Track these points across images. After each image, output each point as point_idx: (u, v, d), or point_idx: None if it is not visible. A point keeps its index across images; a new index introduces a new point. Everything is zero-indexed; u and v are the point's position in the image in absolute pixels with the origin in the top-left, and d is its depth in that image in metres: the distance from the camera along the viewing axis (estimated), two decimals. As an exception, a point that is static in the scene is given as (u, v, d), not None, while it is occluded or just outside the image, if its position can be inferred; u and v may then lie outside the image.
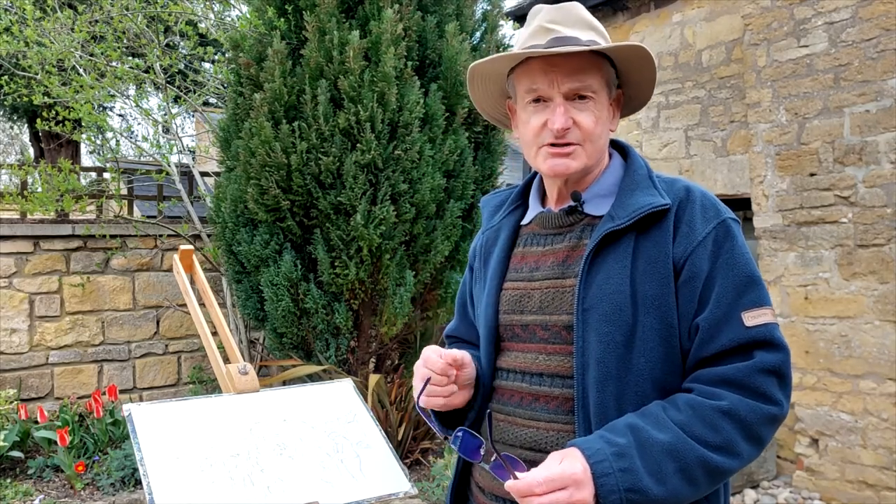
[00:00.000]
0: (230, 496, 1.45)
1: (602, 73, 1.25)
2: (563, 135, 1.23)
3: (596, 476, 1.06)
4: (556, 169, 1.25)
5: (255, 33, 4.52)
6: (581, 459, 1.07)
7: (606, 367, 1.18)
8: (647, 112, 5.90)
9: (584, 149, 1.25)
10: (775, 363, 1.15)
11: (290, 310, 4.29)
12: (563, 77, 1.22)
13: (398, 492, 1.57)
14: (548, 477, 1.05)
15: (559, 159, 1.24)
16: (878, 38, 4.13)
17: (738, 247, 1.20)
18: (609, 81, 1.27)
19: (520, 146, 1.35)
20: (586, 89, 1.23)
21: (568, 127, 1.22)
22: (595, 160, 1.28)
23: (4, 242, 5.35)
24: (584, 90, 1.23)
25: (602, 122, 1.26)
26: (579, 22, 1.26)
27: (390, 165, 4.18)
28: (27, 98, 5.56)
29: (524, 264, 1.34)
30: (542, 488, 1.04)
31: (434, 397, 1.28)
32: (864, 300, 4.20)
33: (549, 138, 1.24)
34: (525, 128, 1.29)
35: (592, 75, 1.24)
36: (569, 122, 1.22)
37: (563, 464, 1.07)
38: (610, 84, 1.28)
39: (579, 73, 1.22)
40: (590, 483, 1.05)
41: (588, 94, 1.23)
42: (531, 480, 1.05)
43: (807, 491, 4.48)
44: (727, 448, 1.11)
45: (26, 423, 4.75)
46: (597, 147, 1.27)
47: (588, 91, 1.23)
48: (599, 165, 1.32)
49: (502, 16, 5.33)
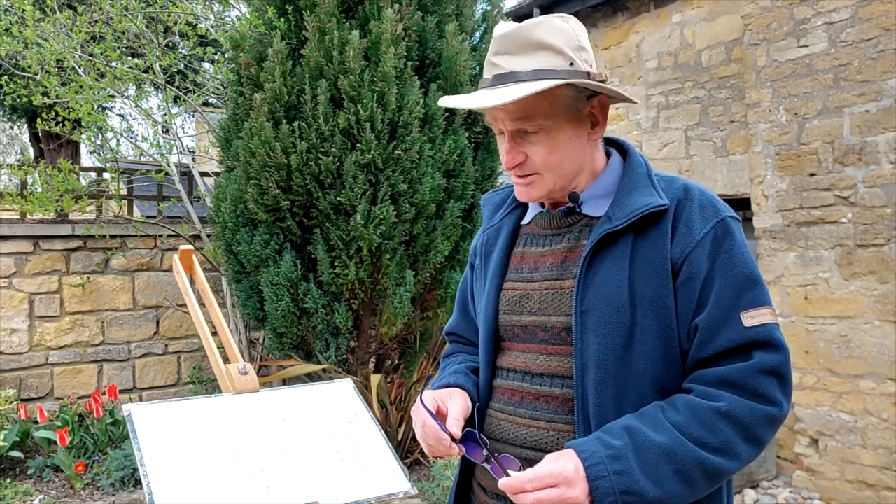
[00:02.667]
0: (230, 496, 1.45)
1: (551, 101, 1.19)
2: (516, 170, 1.25)
3: (591, 478, 1.06)
4: (521, 197, 1.30)
5: (255, 33, 4.52)
6: (575, 459, 1.08)
7: (605, 368, 1.18)
8: (646, 112, 5.91)
9: (544, 177, 1.24)
10: (774, 364, 1.14)
11: (289, 310, 4.29)
12: (506, 116, 1.21)
13: (398, 492, 1.57)
14: (538, 474, 1.06)
15: (521, 188, 1.28)
16: (878, 38, 4.13)
17: (737, 246, 1.19)
18: (567, 103, 1.21)
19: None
20: (531, 126, 1.20)
21: (518, 163, 1.23)
22: (566, 180, 1.26)
23: (4, 242, 5.34)
24: (529, 125, 1.20)
25: (560, 148, 1.22)
26: (524, 46, 1.19)
27: (390, 165, 4.18)
28: (27, 98, 5.55)
29: (524, 265, 1.34)
30: (533, 484, 1.06)
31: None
32: (863, 300, 4.20)
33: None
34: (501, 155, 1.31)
35: (537, 108, 1.19)
36: (517, 157, 1.23)
37: (556, 462, 1.08)
38: (571, 104, 1.21)
39: (520, 112, 1.19)
40: (582, 482, 1.06)
41: (535, 128, 1.20)
42: (522, 477, 1.07)
43: (807, 491, 4.48)
44: (725, 449, 1.11)
45: (26, 423, 4.75)
46: (562, 172, 1.25)
47: (533, 127, 1.20)
48: (595, 165, 1.30)
49: (502, 16, 5.33)
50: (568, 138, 1.23)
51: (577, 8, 6.27)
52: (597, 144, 1.30)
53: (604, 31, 6.33)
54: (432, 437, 1.25)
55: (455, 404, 1.29)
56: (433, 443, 1.25)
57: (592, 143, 1.27)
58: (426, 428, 1.26)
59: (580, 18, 6.41)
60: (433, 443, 1.25)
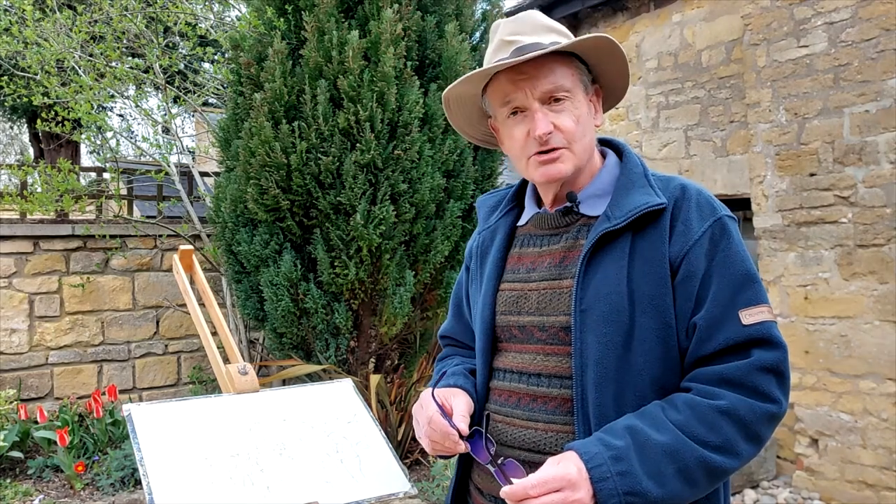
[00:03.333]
0: (230, 496, 1.45)
1: (572, 71, 1.26)
2: (547, 140, 1.23)
3: (594, 480, 1.06)
4: (550, 174, 1.26)
5: (254, 33, 4.52)
6: (577, 462, 1.08)
7: (605, 367, 1.17)
8: (646, 112, 5.91)
9: (572, 150, 1.25)
10: (773, 361, 1.15)
11: (289, 310, 4.29)
12: (534, 83, 1.23)
13: (398, 492, 1.57)
14: (541, 479, 1.06)
15: (550, 165, 1.25)
16: (878, 38, 4.13)
17: (734, 245, 1.20)
18: (582, 78, 1.27)
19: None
20: (559, 90, 1.23)
21: (550, 131, 1.23)
22: (585, 158, 1.28)
23: (4, 242, 5.35)
24: (558, 91, 1.23)
25: (583, 120, 1.26)
26: (539, 28, 1.26)
27: (390, 165, 4.18)
28: (27, 98, 5.56)
29: (521, 265, 1.34)
30: (537, 490, 1.05)
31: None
32: (863, 300, 4.20)
33: (535, 147, 1.24)
34: (511, 142, 1.29)
35: (562, 75, 1.24)
36: (549, 126, 1.22)
37: (558, 466, 1.08)
38: (584, 81, 1.28)
39: (549, 75, 1.23)
40: (586, 484, 1.06)
41: (562, 95, 1.23)
42: (526, 483, 1.06)
43: (806, 491, 4.48)
44: (726, 448, 1.11)
45: (26, 423, 4.75)
46: (583, 145, 1.27)
47: (561, 91, 1.23)
48: (592, 165, 1.31)
49: (502, 16, 5.33)
50: (586, 112, 1.28)
51: (577, 8, 6.27)
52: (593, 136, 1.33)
53: (604, 31, 6.33)
54: (439, 434, 1.24)
55: (460, 402, 1.29)
56: (439, 439, 1.24)
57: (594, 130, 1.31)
58: (433, 423, 1.24)
59: (580, 18, 6.42)
60: (439, 439, 1.24)
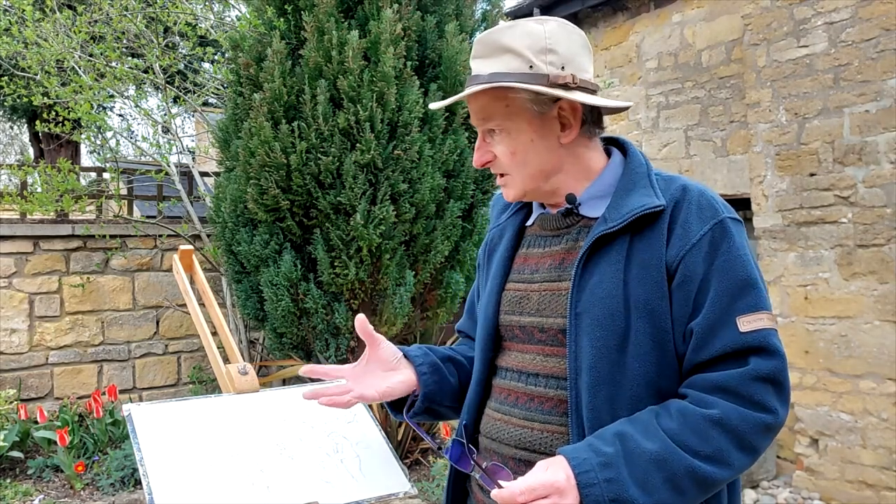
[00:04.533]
0: (230, 496, 1.45)
1: (507, 103, 1.23)
2: (486, 167, 1.30)
3: (581, 486, 1.05)
4: (505, 197, 1.35)
5: (254, 33, 4.52)
6: (565, 467, 1.07)
7: (599, 371, 1.17)
8: (646, 112, 5.91)
9: (513, 177, 1.28)
10: (770, 370, 1.13)
11: (289, 310, 4.29)
12: (475, 115, 1.28)
13: (398, 492, 1.57)
14: (529, 485, 1.05)
15: (502, 189, 1.33)
16: (878, 38, 4.13)
17: (735, 248, 1.17)
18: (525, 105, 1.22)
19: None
20: (489, 123, 1.26)
21: (484, 162, 1.29)
22: (538, 181, 1.27)
23: (4, 242, 5.35)
24: (491, 126, 1.26)
25: (523, 149, 1.24)
26: (493, 50, 1.24)
27: (390, 165, 4.18)
28: (27, 98, 5.56)
29: (526, 266, 1.34)
30: (525, 496, 1.05)
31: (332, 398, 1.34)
32: (863, 300, 4.20)
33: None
34: None
35: (495, 109, 1.24)
36: (485, 156, 1.28)
37: (547, 472, 1.07)
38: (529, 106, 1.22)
39: (483, 111, 1.26)
40: (573, 491, 1.05)
41: (494, 127, 1.26)
42: (514, 489, 1.06)
43: (806, 491, 4.48)
44: (717, 458, 1.09)
45: (26, 423, 4.75)
46: (529, 173, 1.26)
47: (494, 126, 1.25)
48: (587, 169, 1.29)
49: (502, 16, 5.33)
50: (529, 140, 1.24)
51: (576, 8, 6.27)
52: (588, 144, 1.29)
53: (604, 31, 6.33)
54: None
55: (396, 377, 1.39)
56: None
57: (567, 145, 1.26)
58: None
59: (580, 19, 6.41)
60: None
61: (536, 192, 1.29)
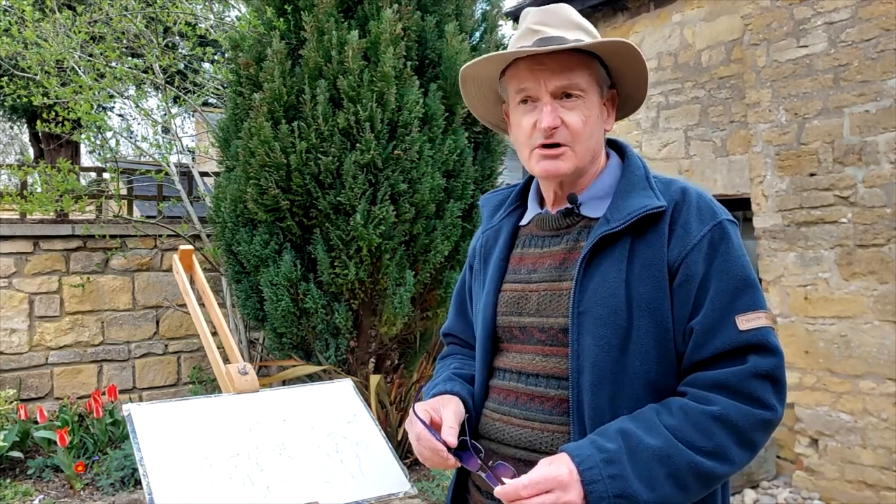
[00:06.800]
0: (230, 496, 1.45)
1: (590, 72, 1.25)
2: (552, 134, 1.22)
3: (585, 482, 1.06)
4: (548, 171, 1.26)
5: (254, 33, 4.52)
6: (568, 463, 1.08)
7: (601, 370, 1.18)
8: (646, 112, 5.91)
9: (574, 150, 1.24)
10: (769, 367, 1.15)
11: (289, 310, 4.29)
12: (550, 75, 1.22)
13: (398, 492, 1.57)
14: (533, 480, 1.07)
15: (550, 161, 1.25)
16: (878, 38, 4.13)
17: (733, 249, 1.19)
18: (599, 80, 1.27)
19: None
20: (573, 87, 1.23)
21: (556, 126, 1.22)
22: (587, 161, 1.28)
23: (4, 242, 5.34)
24: (571, 88, 1.23)
25: (592, 122, 1.25)
26: (566, 23, 1.26)
27: (390, 165, 4.18)
28: (27, 98, 5.56)
29: (522, 266, 1.34)
30: (528, 491, 1.06)
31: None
32: (863, 300, 4.20)
33: (539, 139, 1.24)
34: (517, 130, 1.29)
35: (579, 73, 1.23)
36: (557, 120, 1.22)
37: (549, 467, 1.09)
38: (600, 82, 1.27)
39: (566, 71, 1.22)
40: (576, 485, 1.06)
41: (575, 93, 1.23)
42: (517, 484, 1.07)
43: (806, 491, 4.48)
44: (718, 453, 1.11)
45: (26, 423, 4.75)
46: (588, 147, 1.26)
47: (575, 89, 1.23)
48: (595, 166, 1.31)
49: (502, 16, 5.33)
50: (597, 115, 1.27)
51: (576, 8, 6.27)
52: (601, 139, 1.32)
53: (604, 31, 6.33)
54: (428, 449, 1.24)
55: (449, 412, 1.28)
56: (429, 455, 1.25)
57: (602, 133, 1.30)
58: (421, 441, 1.25)
59: (580, 18, 6.42)
60: (429, 455, 1.25)
61: (578, 172, 1.28)
